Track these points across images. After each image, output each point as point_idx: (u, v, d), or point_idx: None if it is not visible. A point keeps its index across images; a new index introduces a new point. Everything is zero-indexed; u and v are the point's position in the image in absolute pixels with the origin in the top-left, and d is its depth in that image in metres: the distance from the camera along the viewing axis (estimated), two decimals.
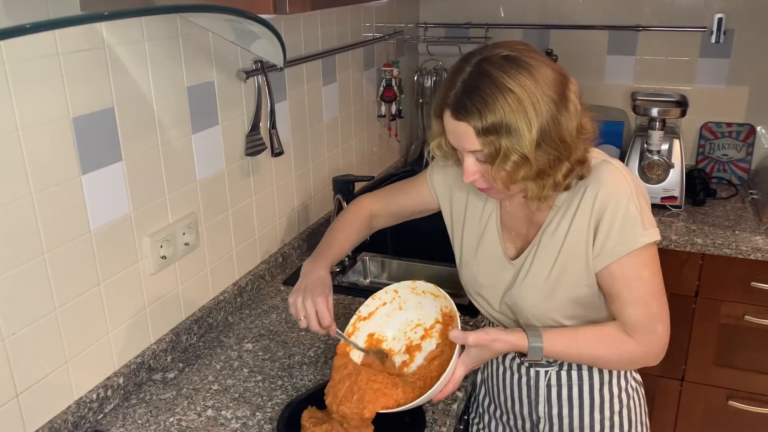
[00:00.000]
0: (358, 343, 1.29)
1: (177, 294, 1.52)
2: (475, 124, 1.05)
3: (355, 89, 2.31)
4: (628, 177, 1.15)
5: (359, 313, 1.32)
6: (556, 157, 1.07)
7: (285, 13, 1.12)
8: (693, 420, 2.31)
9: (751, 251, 2.03)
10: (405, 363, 1.29)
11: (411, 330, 1.32)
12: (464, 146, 1.09)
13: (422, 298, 1.30)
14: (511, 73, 1.03)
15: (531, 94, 1.03)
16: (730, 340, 2.18)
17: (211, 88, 1.55)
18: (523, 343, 1.15)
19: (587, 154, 1.14)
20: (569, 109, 1.07)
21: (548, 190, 1.11)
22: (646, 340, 1.15)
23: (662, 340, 1.17)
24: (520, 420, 1.36)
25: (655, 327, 1.15)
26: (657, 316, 1.15)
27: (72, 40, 1.15)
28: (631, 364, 1.21)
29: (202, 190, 1.56)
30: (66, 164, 1.18)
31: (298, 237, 2.01)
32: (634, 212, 1.12)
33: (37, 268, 1.15)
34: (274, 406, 1.33)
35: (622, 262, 1.13)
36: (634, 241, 1.12)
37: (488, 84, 1.04)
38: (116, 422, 1.30)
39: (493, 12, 2.75)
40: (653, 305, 1.15)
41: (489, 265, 1.28)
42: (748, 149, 2.52)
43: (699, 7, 2.47)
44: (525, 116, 1.02)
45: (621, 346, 1.16)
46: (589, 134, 1.13)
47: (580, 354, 1.18)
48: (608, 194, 1.12)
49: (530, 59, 1.06)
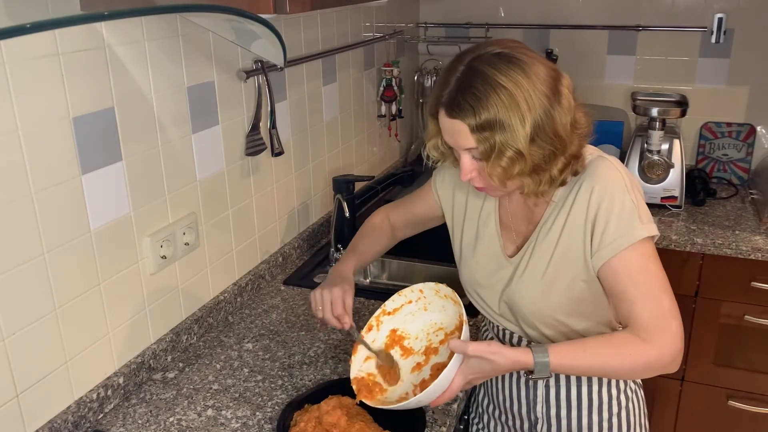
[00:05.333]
0: (377, 340, 1.30)
1: (177, 294, 1.52)
2: (470, 122, 1.05)
3: (355, 89, 2.31)
4: (622, 172, 1.15)
5: (384, 307, 1.33)
6: (551, 151, 1.08)
7: (285, 12, 1.11)
8: (693, 420, 2.31)
9: (751, 251, 2.03)
10: (419, 365, 1.29)
11: (433, 332, 1.31)
12: (460, 144, 1.10)
13: (445, 302, 1.30)
14: (503, 69, 1.04)
15: (523, 89, 1.03)
16: (730, 340, 2.18)
17: (211, 88, 1.55)
18: (527, 358, 1.09)
19: (582, 149, 1.14)
20: (562, 104, 1.07)
21: (544, 185, 1.11)
22: (661, 340, 1.08)
23: (678, 338, 1.09)
24: (519, 420, 1.36)
25: (670, 324, 1.08)
26: (670, 311, 1.09)
27: (72, 39, 1.15)
28: (646, 370, 1.12)
29: (202, 190, 1.56)
30: (66, 164, 1.18)
31: (298, 237, 2.01)
32: (630, 205, 1.11)
33: (37, 268, 1.15)
34: (274, 406, 1.33)
35: (623, 255, 1.10)
36: (632, 234, 1.10)
37: (481, 81, 1.04)
38: (116, 422, 1.30)
39: (493, 12, 2.75)
40: (664, 300, 1.09)
41: (487, 263, 1.28)
42: (748, 149, 2.52)
43: (699, 7, 2.47)
44: (518, 111, 1.03)
45: (633, 352, 1.09)
46: (584, 129, 1.12)
47: (589, 365, 1.11)
48: (603, 189, 1.12)
49: (522, 56, 1.06)
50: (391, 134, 2.66)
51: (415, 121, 2.88)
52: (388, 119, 2.58)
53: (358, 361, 1.28)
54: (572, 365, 1.12)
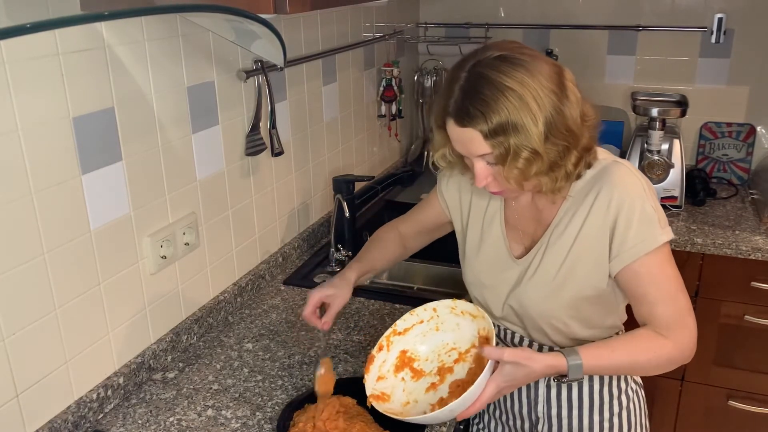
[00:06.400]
0: (387, 361, 1.26)
1: (177, 294, 1.52)
2: (482, 128, 1.04)
3: (355, 89, 2.31)
4: (639, 177, 1.15)
5: (395, 327, 1.29)
6: (565, 147, 1.08)
7: (285, 12, 1.11)
8: (693, 420, 2.31)
9: (751, 251, 2.03)
10: (434, 385, 1.26)
11: (445, 353, 1.28)
12: (472, 152, 1.09)
13: (461, 320, 1.27)
14: (508, 71, 1.04)
15: (531, 89, 1.03)
16: (730, 340, 2.18)
17: (211, 88, 1.55)
18: (560, 362, 1.11)
19: (593, 141, 1.15)
20: (570, 98, 1.08)
21: (561, 181, 1.12)
22: (681, 336, 1.15)
23: (694, 333, 1.16)
24: (519, 420, 1.36)
25: (687, 321, 1.15)
26: (686, 309, 1.15)
27: (72, 40, 1.15)
28: (668, 365, 1.18)
29: (202, 190, 1.56)
30: (66, 164, 1.18)
31: (298, 237, 2.01)
32: (650, 211, 1.13)
33: (37, 267, 1.15)
34: (274, 406, 1.33)
35: (644, 260, 1.13)
36: (654, 240, 1.12)
37: (487, 86, 1.04)
38: (116, 422, 1.30)
39: (493, 12, 2.75)
40: (681, 299, 1.15)
41: (492, 264, 1.28)
42: (748, 149, 2.52)
43: (699, 7, 2.47)
44: (529, 111, 1.03)
45: (658, 350, 1.15)
46: (592, 120, 1.13)
47: (619, 363, 1.16)
48: (623, 195, 1.13)
49: (523, 56, 1.06)
50: (391, 134, 2.66)
51: (415, 121, 2.88)
52: (388, 119, 2.58)
53: (371, 380, 1.24)
54: (602, 365, 1.15)
